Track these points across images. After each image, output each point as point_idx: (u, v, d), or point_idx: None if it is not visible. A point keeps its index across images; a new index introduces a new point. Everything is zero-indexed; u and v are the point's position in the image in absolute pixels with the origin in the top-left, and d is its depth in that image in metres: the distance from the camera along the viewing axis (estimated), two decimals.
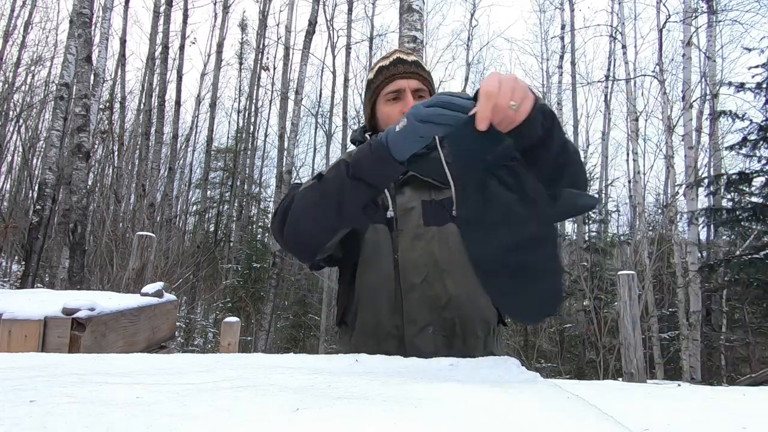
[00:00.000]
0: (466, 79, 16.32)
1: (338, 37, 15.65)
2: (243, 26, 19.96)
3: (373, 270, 1.13)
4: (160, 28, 12.43)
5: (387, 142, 0.87)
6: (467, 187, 0.82)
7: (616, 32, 12.08)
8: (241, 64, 19.72)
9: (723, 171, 10.29)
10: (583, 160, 0.98)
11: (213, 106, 16.18)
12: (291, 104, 12.60)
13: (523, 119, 0.77)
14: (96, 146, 9.91)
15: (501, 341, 1.21)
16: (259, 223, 18.42)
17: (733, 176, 8.16)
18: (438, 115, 0.79)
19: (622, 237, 12.28)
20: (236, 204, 17.33)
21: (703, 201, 9.66)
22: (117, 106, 13.61)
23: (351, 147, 1.22)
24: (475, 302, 1.10)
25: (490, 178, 0.78)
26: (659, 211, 12.68)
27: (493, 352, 1.10)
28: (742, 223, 8.24)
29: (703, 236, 10.59)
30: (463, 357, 0.88)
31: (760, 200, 7.99)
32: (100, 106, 10.08)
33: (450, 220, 1.13)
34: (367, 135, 1.27)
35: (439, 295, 1.09)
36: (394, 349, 1.06)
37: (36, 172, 13.18)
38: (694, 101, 10.32)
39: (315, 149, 19.36)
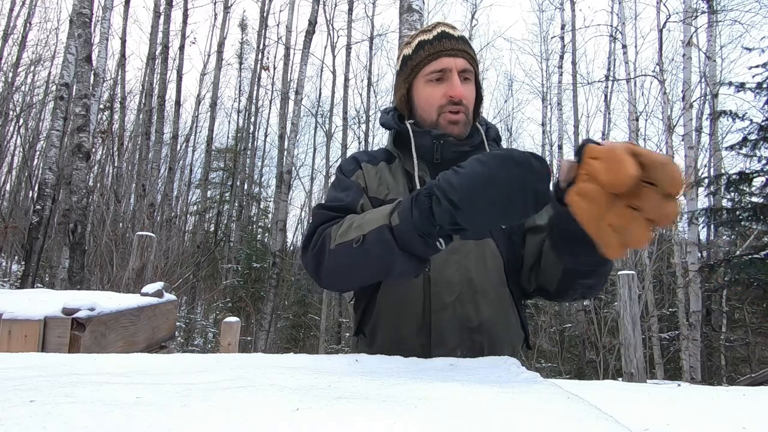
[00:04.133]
0: None
1: (338, 37, 15.68)
2: (243, 26, 19.98)
3: (401, 284, 1.03)
4: (160, 28, 12.43)
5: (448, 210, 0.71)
6: None
7: (616, 32, 12.09)
8: (241, 64, 19.73)
9: (723, 171, 10.29)
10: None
11: (213, 106, 16.18)
12: (291, 104, 12.60)
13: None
14: (96, 146, 9.91)
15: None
16: (259, 223, 18.44)
17: (733, 176, 8.16)
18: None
19: None
20: (236, 204, 17.32)
21: (703, 201, 9.67)
22: (117, 106, 13.60)
23: (382, 132, 1.12)
24: (505, 326, 1.04)
25: None
26: None
27: None
28: (742, 223, 8.24)
29: (703, 236, 10.59)
30: None
31: (760, 200, 7.99)
32: (100, 106, 10.08)
33: (489, 235, 1.04)
34: (407, 124, 1.10)
35: (470, 316, 1.01)
36: None
37: (36, 172, 13.18)
38: (694, 101, 10.32)
39: (315, 149, 19.38)
